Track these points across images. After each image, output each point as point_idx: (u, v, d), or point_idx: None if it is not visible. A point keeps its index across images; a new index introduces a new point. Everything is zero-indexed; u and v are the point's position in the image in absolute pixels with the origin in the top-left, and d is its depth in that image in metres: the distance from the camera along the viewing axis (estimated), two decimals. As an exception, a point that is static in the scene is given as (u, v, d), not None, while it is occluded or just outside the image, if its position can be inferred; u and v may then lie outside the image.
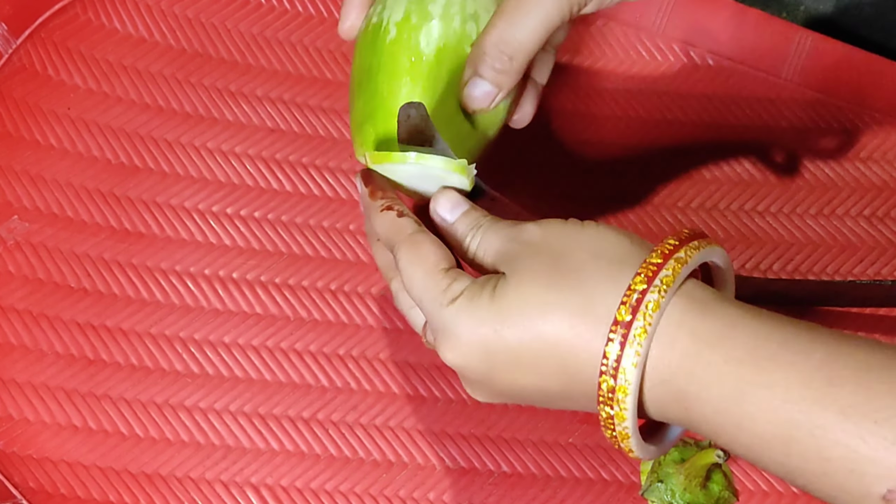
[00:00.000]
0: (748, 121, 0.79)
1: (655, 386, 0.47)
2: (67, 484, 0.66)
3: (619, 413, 0.47)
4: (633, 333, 0.46)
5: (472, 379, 0.52)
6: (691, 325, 0.46)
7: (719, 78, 0.79)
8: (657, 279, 0.47)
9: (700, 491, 0.65)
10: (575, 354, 0.48)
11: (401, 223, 0.54)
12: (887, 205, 0.77)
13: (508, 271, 0.50)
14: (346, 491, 0.68)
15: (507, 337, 0.49)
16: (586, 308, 0.47)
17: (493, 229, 0.53)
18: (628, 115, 0.78)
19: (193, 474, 0.67)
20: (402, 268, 0.53)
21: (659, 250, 0.48)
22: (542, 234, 0.51)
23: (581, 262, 0.49)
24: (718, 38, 0.80)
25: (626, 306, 0.46)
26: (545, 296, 0.48)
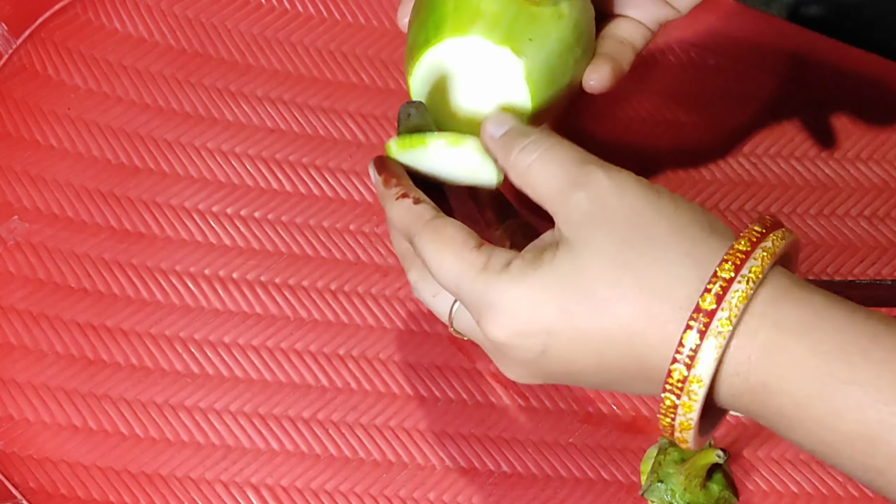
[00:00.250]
0: (748, 121, 0.79)
1: (730, 377, 0.45)
2: (67, 484, 0.66)
3: (686, 403, 0.45)
4: (716, 324, 0.43)
5: (518, 357, 0.48)
6: (775, 316, 0.44)
7: (719, 78, 0.79)
8: (745, 268, 0.44)
9: (700, 491, 0.65)
10: (645, 338, 0.45)
11: (418, 210, 0.51)
12: (887, 205, 0.77)
13: (574, 235, 0.47)
14: (345, 491, 0.68)
15: (575, 316, 0.46)
16: (664, 291, 0.45)
17: (556, 156, 0.48)
18: (628, 115, 0.78)
19: (193, 474, 0.67)
20: (426, 255, 0.50)
21: (746, 238, 0.45)
22: (615, 194, 0.47)
23: (660, 238, 0.46)
24: (718, 38, 0.80)
25: (711, 294, 0.44)
26: (620, 274, 0.45)
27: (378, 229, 0.74)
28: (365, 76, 0.78)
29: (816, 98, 0.79)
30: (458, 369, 0.71)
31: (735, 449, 0.70)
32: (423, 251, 0.50)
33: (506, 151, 0.50)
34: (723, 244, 0.46)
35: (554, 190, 0.48)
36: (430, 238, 0.50)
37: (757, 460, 0.70)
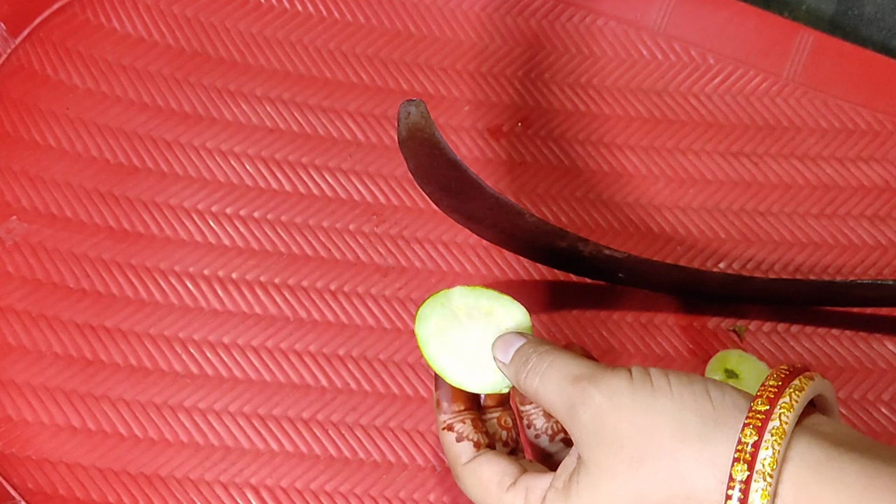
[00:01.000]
0: (748, 121, 0.79)
1: None
2: (66, 485, 0.66)
3: None
4: (754, 489, 0.43)
5: None
6: (811, 493, 0.43)
7: (719, 78, 0.79)
8: (758, 462, 0.44)
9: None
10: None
11: (458, 449, 0.55)
12: (888, 205, 0.77)
13: (588, 459, 0.48)
14: (345, 492, 0.68)
15: None
16: (688, 494, 0.45)
17: (552, 379, 0.50)
18: (628, 115, 0.78)
19: (193, 475, 0.67)
20: (468, 494, 0.53)
21: (751, 424, 0.44)
22: (611, 411, 0.48)
23: (666, 446, 0.46)
24: (718, 37, 0.80)
25: (740, 462, 0.44)
26: (640, 491, 0.46)
27: (378, 229, 0.74)
28: (364, 75, 0.78)
29: (817, 98, 0.79)
30: (457, 370, 0.71)
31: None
32: (466, 492, 0.54)
33: (515, 379, 0.53)
34: (732, 431, 0.45)
35: (561, 411, 0.50)
36: (468, 481, 0.53)
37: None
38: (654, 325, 0.73)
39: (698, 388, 0.47)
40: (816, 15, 0.84)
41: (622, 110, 0.78)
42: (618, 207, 0.76)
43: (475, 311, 0.58)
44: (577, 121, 0.78)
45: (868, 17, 0.83)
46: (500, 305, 0.58)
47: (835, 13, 0.84)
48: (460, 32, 0.78)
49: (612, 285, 0.73)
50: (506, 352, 0.54)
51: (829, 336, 0.74)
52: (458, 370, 0.57)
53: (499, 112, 0.77)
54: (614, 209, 0.76)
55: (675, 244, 0.75)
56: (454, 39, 0.78)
